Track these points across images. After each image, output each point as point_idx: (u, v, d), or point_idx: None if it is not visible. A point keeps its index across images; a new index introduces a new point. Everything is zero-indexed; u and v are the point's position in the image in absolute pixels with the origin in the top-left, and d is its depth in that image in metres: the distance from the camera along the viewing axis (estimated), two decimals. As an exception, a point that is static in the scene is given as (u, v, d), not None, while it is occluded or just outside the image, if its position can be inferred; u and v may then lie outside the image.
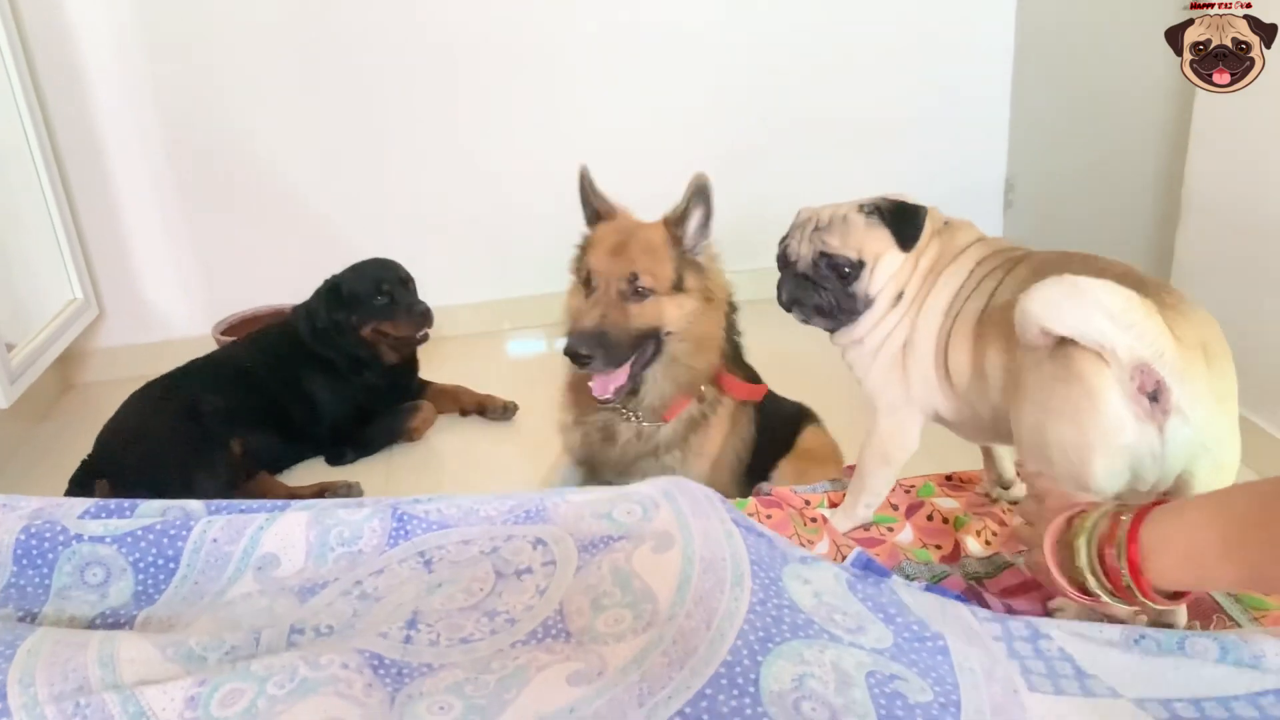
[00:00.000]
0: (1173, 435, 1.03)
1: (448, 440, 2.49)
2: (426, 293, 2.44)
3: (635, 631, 0.94)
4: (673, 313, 1.53)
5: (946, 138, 3.04)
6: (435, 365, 2.65)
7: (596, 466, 1.72)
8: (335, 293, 2.36)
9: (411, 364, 2.52)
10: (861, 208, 1.32)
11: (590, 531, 1.11)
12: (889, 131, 3.02)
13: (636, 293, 1.50)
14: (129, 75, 2.70)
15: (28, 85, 2.53)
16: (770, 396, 1.79)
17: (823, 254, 1.31)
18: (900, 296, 1.30)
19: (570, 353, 1.49)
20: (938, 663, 0.97)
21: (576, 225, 1.66)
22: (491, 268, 3.10)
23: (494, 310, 3.12)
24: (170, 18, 2.68)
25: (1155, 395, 1.02)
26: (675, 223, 1.53)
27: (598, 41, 2.87)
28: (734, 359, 1.69)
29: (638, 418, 1.63)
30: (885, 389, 1.32)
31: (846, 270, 1.30)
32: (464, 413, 2.57)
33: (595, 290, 1.52)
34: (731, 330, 1.67)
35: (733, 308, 1.66)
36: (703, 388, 1.63)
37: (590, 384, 1.56)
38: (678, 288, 1.53)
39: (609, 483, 1.68)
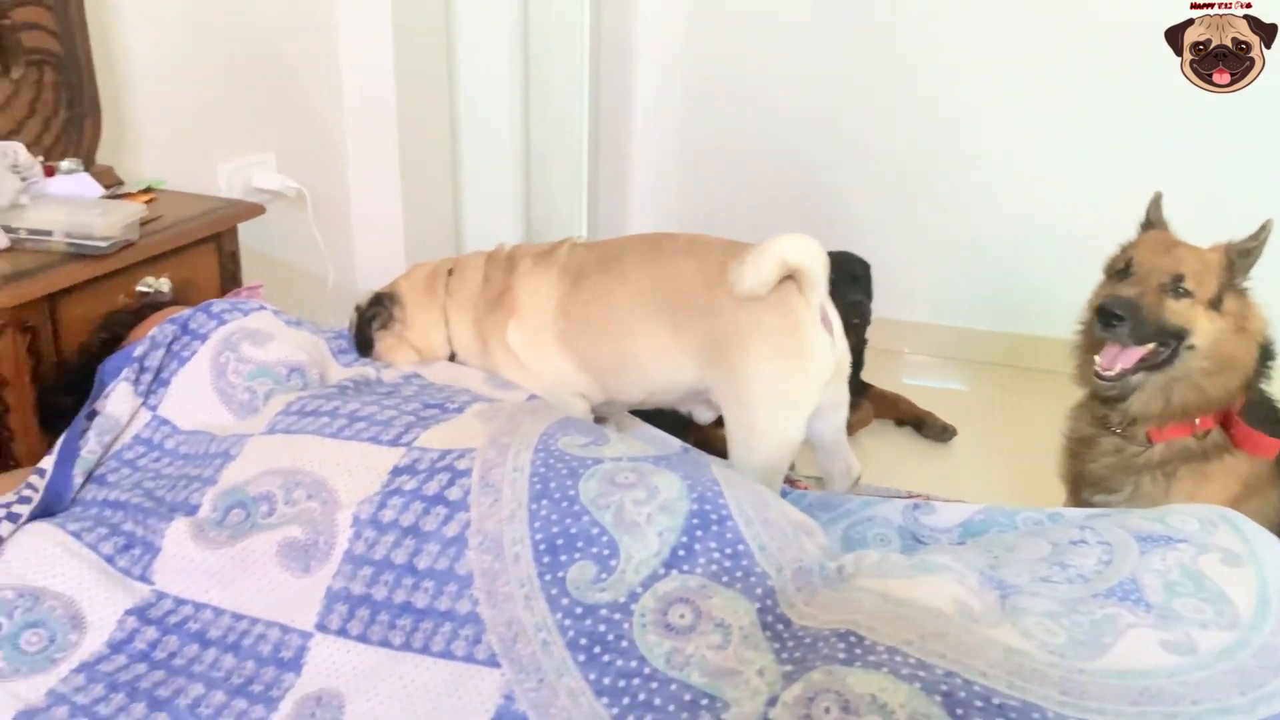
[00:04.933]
0: None
1: (877, 444, 2.52)
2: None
3: (1220, 627, 0.92)
4: (1204, 325, 1.51)
5: None
6: (873, 373, 2.66)
7: (1076, 481, 1.69)
8: None
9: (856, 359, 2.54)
10: None
11: (1141, 528, 1.10)
12: None
13: (1176, 291, 1.51)
14: (669, 46, 3.02)
15: (593, 59, 2.93)
16: None
17: None
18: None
19: (1104, 309, 1.51)
20: None
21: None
22: (951, 291, 3.07)
23: (929, 335, 3.09)
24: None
25: None
26: (1239, 251, 1.52)
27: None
28: (1262, 415, 1.56)
29: (1120, 432, 1.59)
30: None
31: None
32: (900, 422, 2.58)
33: (1133, 277, 1.55)
34: (1261, 374, 1.56)
35: (1268, 354, 1.56)
36: (1197, 422, 1.54)
37: (1098, 356, 1.56)
38: (1214, 306, 1.51)
39: (1086, 502, 1.64)
